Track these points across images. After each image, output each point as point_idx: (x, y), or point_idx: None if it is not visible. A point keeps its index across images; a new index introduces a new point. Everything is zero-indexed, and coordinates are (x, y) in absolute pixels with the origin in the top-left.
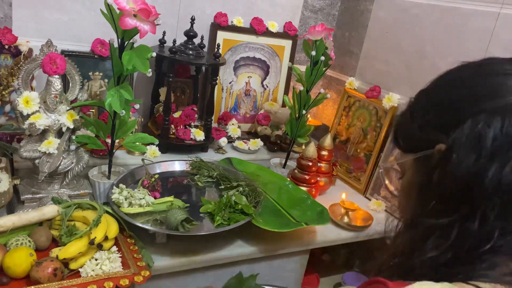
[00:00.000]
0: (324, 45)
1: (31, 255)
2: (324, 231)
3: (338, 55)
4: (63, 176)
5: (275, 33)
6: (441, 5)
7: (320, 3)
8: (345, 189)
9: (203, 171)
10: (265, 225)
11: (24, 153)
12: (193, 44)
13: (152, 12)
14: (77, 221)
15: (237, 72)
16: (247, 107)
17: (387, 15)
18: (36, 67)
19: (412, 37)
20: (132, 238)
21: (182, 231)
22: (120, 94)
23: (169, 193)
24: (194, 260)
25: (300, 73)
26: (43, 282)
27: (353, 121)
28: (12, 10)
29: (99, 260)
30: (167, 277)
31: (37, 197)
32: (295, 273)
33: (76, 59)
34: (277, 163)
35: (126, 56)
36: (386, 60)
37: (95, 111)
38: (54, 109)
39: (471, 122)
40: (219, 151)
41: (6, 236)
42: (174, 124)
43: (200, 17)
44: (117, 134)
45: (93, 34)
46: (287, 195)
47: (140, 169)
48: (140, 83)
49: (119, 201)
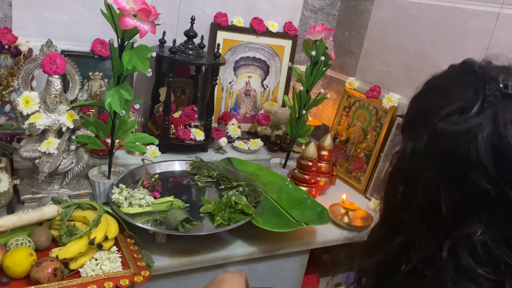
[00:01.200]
0: (324, 45)
1: (31, 255)
2: (324, 231)
3: (338, 55)
4: (63, 176)
5: (275, 33)
6: (441, 5)
7: (320, 3)
8: (345, 189)
9: (203, 171)
10: (265, 225)
11: (24, 153)
12: (193, 44)
13: (152, 12)
14: (77, 221)
15: (237, 72)
16: (247, 107)
17: (387, 15)
18: (36, 67)
19: (412, 37)
20: (132, 238)
21: (182, 231)
22: (120, 94)
23: (169, 193)
24: (194, 260)
25: (300, 73)
26: (43, 282)
27: (353, 121)
28: (12, 10)
29: (99, 260)
30: (167, 277)
31: (37, 197)
32: (295, 273)
33: (76, 59)
34: (277, 163)
35: (126, 56)
36: (386, 60)
37: (95, 111)
38: (54, 109)
39: None
40: (219, 151)
41: (6, 236)
42: (174, 124)
43: (200, 17)
44: (117, 134)
45: (93, 34)
46: (287, 195)
47: (140, 169)
48: (140, 83)
49: (119, 201)
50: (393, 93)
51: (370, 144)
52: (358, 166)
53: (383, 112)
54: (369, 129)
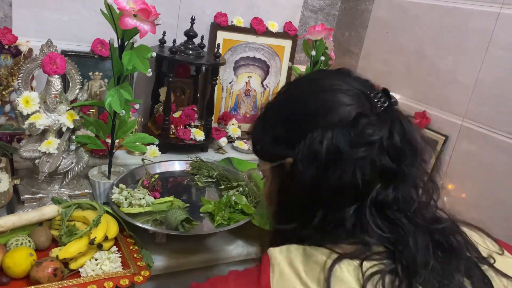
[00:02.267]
0: (324, 45)
1: (31, 255)
2: None
3: (338, 55)
4: (63, 176)
5: (275, 33)
6: (441, 5)
7: (320, 3)
8: None
9: (203, 171)
10: (265, 225)
11: (24, 153)
12: (193, 44)
13: (152, 12)
14: (77, 221)
15: (237, 72)
16: (247, 107)
17: (387, 15)
18: (36, 67)
19: (412, 37)
20: (132, 238)
21: (182, 231)
22: (120, 94)
23: (169, 193)
24: (194, 260)
25: (300, 73)
26: (43, 282)
27: None
28: (12, 10)
29: (99, 260)
30: (167, 277)
31: (37, 197)
32: None
33: (76, 59)
34: None
35: (126, 56)
36: (386, 60)
37: (95, 111)
38: (54, 109)
39: (310, 138)
40: (219, 151)
41: (6, 236)
42: (174, 124)
43: (200, 17)
44: (117, 134)
45: (93, 34)
46: None
47: (140, 169)
48: (140, 83)
49: (119, 201)
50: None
51: None
52: None
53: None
54: None
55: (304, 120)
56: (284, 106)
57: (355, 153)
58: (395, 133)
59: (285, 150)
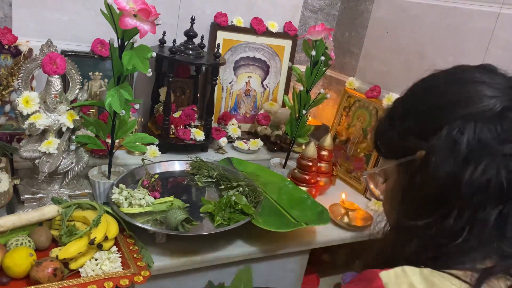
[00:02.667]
0: (324, 45)
1: (31, 255)
2: (324, 231)
3: (338, 55)
4: (63, 176)
5: (275, 33)
6: (441, 5)
7: (320, 3)
8: (345, 189)
9: (203, 171)
10: (265, 225)
11: (24, 153)
12: (193, 44)
13: (152, 12)
14: (77, 221)
15: (237, 72)
16: (247, 107)
17: (387, 15)
18: (36, 67)
19: (412, 37)
20: (132, 238)
21: (182, 231)
22: (120, 94)
23: (169, 193)
24: (194, 260)
25: (300, 73)
26: (43, 282)
27: (353, 121)
28: (12, 10)
29: (99, 260)
30: (167, 277)
31: (37, 197)
32: (295, 273)
33: (76, 59)
34: (277, 163)
35: (126, 56)
36: (386, 60)
37: (95, 111)
38: (54, 109)
39: (447, 129)
40: (219, 151)
41: (6, 236)
42: (174, 124)
43: (200, 17)
44: (117, 134)
45: (93, 34)
46: (287, 195)
47: (140, 169)
48: (140, 83)
49: (119, 201)
50: (393, 93)
51: (370, 144)
52: (358, 166)
53: (383, 112)
54: (369, 129)
55: (441, 111)
56: (417, 98)
57: (501, 149)
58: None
59: (416, 142)
